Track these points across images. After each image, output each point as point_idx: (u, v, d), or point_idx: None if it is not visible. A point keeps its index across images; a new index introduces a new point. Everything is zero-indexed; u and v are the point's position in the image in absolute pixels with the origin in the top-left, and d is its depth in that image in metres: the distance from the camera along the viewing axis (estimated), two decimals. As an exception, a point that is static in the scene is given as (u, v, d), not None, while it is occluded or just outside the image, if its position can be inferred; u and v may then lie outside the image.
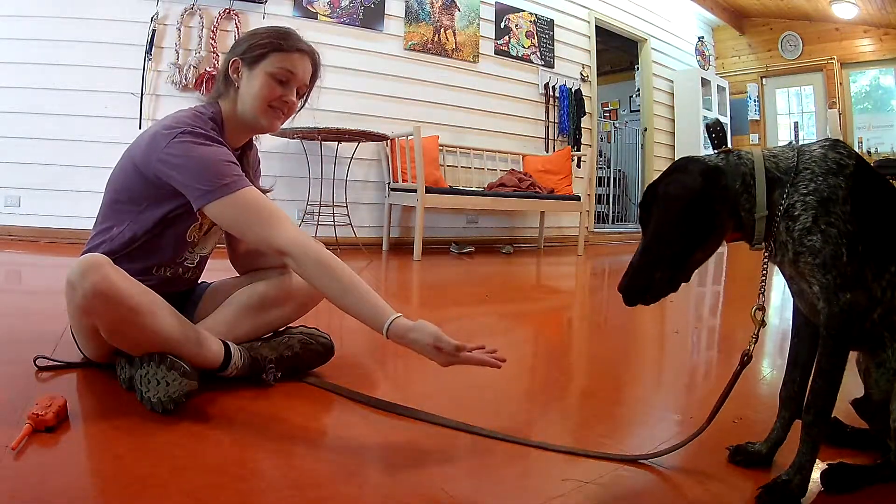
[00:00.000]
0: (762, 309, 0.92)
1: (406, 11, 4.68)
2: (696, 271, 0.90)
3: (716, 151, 0.92)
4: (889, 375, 0.87)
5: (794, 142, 0.92)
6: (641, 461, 0.97)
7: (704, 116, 6.83)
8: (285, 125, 1.34)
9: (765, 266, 0.92)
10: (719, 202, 0.86)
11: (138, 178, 1.19)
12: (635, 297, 0.88)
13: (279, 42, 1.24)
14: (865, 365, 0.94)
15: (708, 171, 0.86)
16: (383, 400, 1.18)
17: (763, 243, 0.89)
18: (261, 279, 1.41)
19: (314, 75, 1.32)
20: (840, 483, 0.88)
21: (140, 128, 3.66)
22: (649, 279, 0.86)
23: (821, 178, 0.83)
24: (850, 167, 0.84)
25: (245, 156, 1.37)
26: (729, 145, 0.92)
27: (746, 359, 0.92)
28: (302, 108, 1.35)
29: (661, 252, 0.86)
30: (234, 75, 1.26)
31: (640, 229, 0.92)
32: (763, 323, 0.92)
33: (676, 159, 0.93)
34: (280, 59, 1.24)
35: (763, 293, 0.92)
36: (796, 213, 0.84)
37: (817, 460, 0.86)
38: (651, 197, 0.90)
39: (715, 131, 0.97)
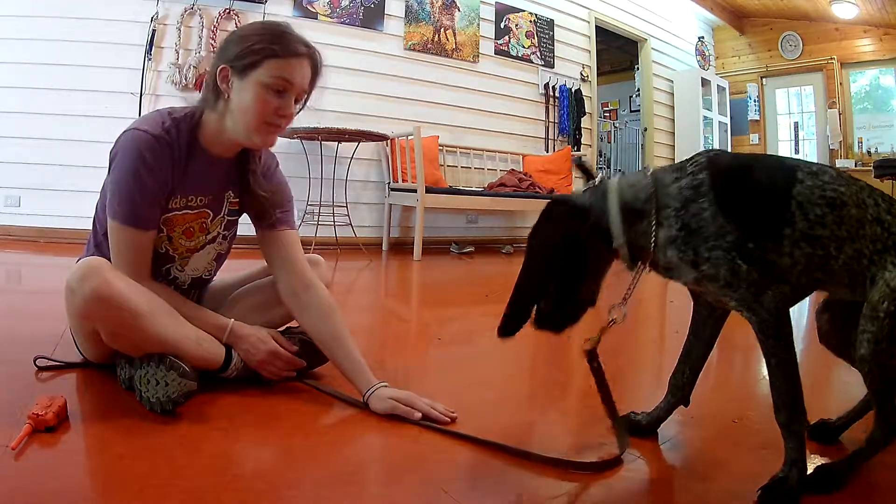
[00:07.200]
0: (620, 307, 0.97)
1: (406, 11, 4.68)
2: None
3: (583, 188, 0.95)
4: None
5: (648, 167, 0.95)
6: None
7: (705, 116, 6.84)
8: None
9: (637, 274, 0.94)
10: (589, 237, 0.90)
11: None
12: (507, 329, 0.96)
13: (273, 47, 1.09)
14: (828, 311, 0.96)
15: (572, 213, 0.91)
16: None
17: (640, 266, 0.92)
18: (260, 279, 1.41)
19: (314, 78, 1.17)
20: (828, 484, 0.87)
21: (140, 128, 3.66)
22: (525, 311, 0.94)
23: (683, 212, 0.85)
24: (704, 182, 0.84)
25: (248, 161, 1.24)
26: (620, 172, 0.96)
27: (593, 360, 1.00)
28: (300, 112, 1.20)
29: (530, 288, 0.93)
30: (224, 85, 1.11)
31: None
32: (614, 322, 0.98)
33: (552, 198, 0.97)
34: (275, 66, 1.09)
35: (628, 297, 0.97)
36: (680, 247, 0.85)
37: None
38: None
39: (582, 169, 1.05)
